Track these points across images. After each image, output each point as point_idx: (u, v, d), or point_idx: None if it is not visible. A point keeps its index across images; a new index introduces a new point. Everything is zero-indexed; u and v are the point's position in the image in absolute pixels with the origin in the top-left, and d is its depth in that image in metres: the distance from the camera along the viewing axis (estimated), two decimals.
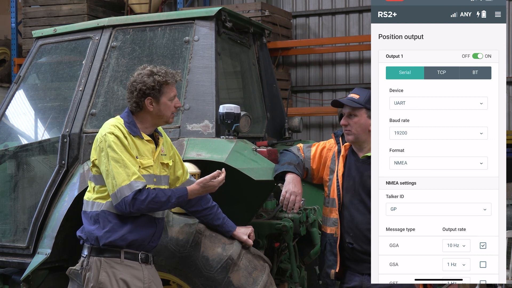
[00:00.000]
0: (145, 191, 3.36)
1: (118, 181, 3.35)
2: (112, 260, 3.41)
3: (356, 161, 3.70)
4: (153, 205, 3.38)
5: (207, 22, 4.39)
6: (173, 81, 3.52)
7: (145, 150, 3.48)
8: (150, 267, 3.53)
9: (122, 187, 3.34)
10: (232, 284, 3.71)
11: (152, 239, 3.53)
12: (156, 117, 3.52)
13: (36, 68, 4.95)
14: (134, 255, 3.45)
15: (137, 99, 3.48)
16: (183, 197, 3.48)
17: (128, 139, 3.42)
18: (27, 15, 10.36)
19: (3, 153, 4.83)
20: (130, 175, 3.35)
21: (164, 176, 3.59)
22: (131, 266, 3.43)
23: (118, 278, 3.39)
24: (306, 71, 10.81)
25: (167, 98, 3.49)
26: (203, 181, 3.50)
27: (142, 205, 3.35)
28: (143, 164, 3.44)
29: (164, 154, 3.61)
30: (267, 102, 5.38)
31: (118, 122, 3.48)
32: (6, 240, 4.70)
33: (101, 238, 3.40)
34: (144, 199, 3.35)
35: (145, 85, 3.44)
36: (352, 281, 3.65)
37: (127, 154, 3.38)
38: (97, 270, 3.39)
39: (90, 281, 3.41)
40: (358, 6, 10.50)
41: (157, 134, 3.62)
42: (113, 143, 3.38)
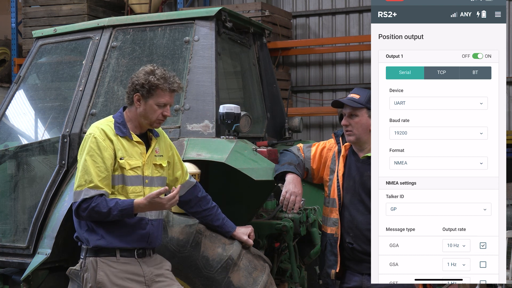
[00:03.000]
0: (92, 200, 3.31)
1: (75, 184, 3.37)
2: (108, 259, 3.39)
3: (356, 161, 3.70)
4: (94, 214, 3.32)
5: (207, 22, 4.39)
6: (167, 88, 3.42)
7: (133, 152, 3.44)
8: (149, 259, 3.50)
9: (76, 191, 3.36)
10: (232, 284, 3.71)
11: (149, 241, 3.48)
12: (141, 117, 3.47)
13: (36, 68, 4.95)
14: (130, 252, 3.43)
15: (128, 92, 3.48)
16: (127, 210, 3.31)
17: (112, 141, 3.39)
18: (27, 15, 10.36)
19: (3, 153, 4.83)
20: (88, 182, 3.32)
21: (158, 177, 3.55)
22: (128, 263, 3.41)
23: (115, 277, 3.38)
24: (306, 71, 10.81)
25: (155, 102, 3.42)
26: (150, 196, 3.29)
27: (83, 213, 3.33)
28: (131, 165, 3.41)
29: (159, 155, 3.57)
30: (267, 102, 5.38)
31: (106, 123, 3.46)
32: (6, 240, 4.70)
33: (91, 241, 3.40)
34: (85, 208, 3.32)
35: (138, 80, 3.43)
36: (352, 281, 3.65)
37: (98, 159, 3.35)
38: (94, 271, 3.38)
39: (88, 282, 3.41)
40: (358, 6, 10.50)
41: (151, 135, 3.58)
42: (89, 146, 3.37)
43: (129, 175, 3.41)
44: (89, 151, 3.36)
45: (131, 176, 3.41)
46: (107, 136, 3.39)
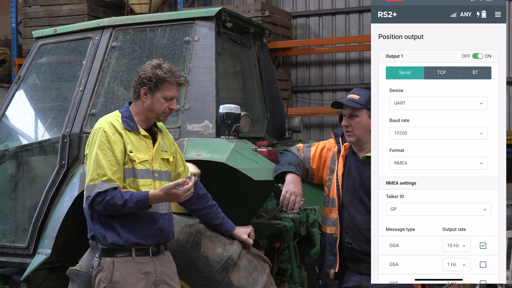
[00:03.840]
0: (106, 193, 3.31)
1: (88, 178, 3.37)
2: (124, 259, 3.40)
3: (356, 161, 3.70)
4: (109, 207, 3.32)
5: (207, 22, 4.39)
6: (173, 82, 3.47)
7: (141, 146, 3.46)
8: (162, 257, 3.53)
9: (89, 185, 3.35)
10: (232, 284, 3.71)
11: (162, 235, 3.50)
12: (147, 110, 3.49)
13: (36, 68, 4.95)
14: (145, 251, 3.45)
15: (135, 86, 3.49)
16: (143, 201, 3.32)
17: (121, 134, 3.40)
18: (27, 15, 10.37)
19: (3, 153, 4.83)
20: (101, 175, 3.33)
21: (165, 171, 3.58)
22: (143, 263, 3.43)
23: (130, 277, 3.39)
24: (306, 71, 10.81)
25: (162, 95, 3.46)
26: (167, 187, 3.31)
27: (98, 206, 3.33)
28: (140, 159, 3.43)
29: (165, 151, 3.60)
30: (267, 102, 5.38)
31: (114, 117, 3.47)
32: (6, 240, 4.71)
33: (108, 237, 3.40)
34: (100, 201, 3.31)
35: (145, 74, 3.45)
36: (351, 281, 3.65)
37: (109, 152, 3.36)
38: (110, 271, 3.39)
39: (102, 282, 3.41)
40: (358, 6, 10.50)
41: (156, 130, 3.60)
42: (99, 140, 3.38)
43: (139, 168, 3.42)
44: (100, 145, 3.37)
45: (141, 170, 3.43)
46: (116, 130, 3.41)
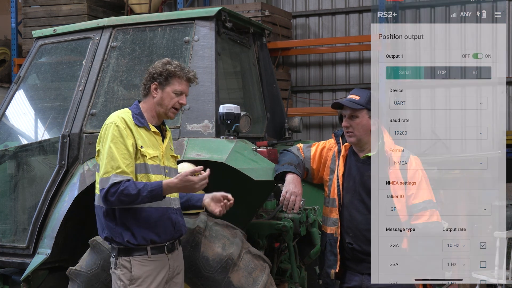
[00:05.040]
0: (120, 184, 3.31)
1: (101, 171, 3.37)
2: (141, 257, 3.42)
3: (356, 161, 3.70)
4: (123, 197, 3.31)
5: (207, 22, 4.39)
6: (183, 76, 3.51)
7: (150, 142, 3.49)
8: (177, 253, 3.56)
9: (103, 178, 3.36)
10: (232, 284, 3.71)
11: (176, 229, 3.51)
12: (157, 105, 3.52)
13: (36, 68, 4.95)
14: (160, 249, 3.46)
15: (145, 83, 3.53)
16: (157, 190, 3.31)
17: (132, 130, 3.42)
18: (27, 15, 10.36)
19: (3, 153, 4.83)
20: (115, 168, 3.34)
21: (175, 169, 3.61)
22: (158, 260, 3.46)
23: (146, 274, 3.41)
24: (306, 71, 10.81)
25: (172, 89, 3.49)
26: (183, 174, 3.31)
27: (112, 197, 3.32)
28: (150, 154, 3.45)
29: (172, 149, 3.65)
30: (267, 102, 5.38)
31: (125, 113, 3.50)
32: (6, 240, 4.71)
33: (124, 236, 3.40)
34: (114, 192, 3.31)
35: (155, 69, 3.50)
36: (352, 280, 3.65)
37: (122, 146, 3.37)
38: (128, 270, 3.41)
39: (119, 280, 3.43)
40: (358, 6, 10.50)
41: (164, 128, 3.64)
42: (112, 134, 3.39)
43: (150, 163, 3.44)
44: (113, 138, 3.38)
45: (152, 165, 3.45)
46: (127, 125, 3.43)
